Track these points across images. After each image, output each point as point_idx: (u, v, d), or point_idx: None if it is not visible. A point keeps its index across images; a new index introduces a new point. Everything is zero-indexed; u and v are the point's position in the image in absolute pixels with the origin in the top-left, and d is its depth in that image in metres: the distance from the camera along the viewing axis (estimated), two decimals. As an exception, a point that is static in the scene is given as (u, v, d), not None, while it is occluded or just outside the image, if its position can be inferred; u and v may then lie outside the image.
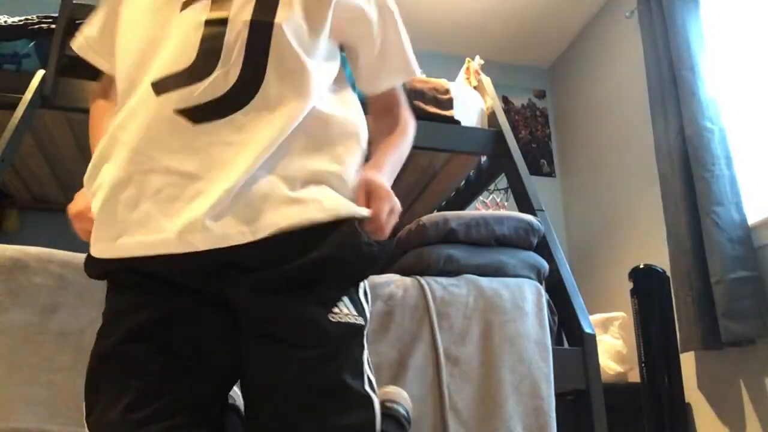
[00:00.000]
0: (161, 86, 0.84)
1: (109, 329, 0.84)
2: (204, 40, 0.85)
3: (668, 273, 2.45)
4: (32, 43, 2.00)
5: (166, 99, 0.83)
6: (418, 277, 1.77)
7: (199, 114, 0.82)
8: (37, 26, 2.01)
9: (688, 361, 2.57)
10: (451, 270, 1.81)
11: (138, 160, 0.83)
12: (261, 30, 0.86)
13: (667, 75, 2.74)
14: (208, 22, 0.86)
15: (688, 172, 2.54)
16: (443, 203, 2.99)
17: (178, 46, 0.86)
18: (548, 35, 3.86)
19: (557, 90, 4.09)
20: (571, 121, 3.89)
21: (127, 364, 0.79)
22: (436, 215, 1.90)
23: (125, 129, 0.85)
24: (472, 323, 1.69)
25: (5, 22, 2.02)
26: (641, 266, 2.43)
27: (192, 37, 0.85)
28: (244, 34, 0.85)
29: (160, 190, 0.81)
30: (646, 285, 2.39)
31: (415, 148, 2.25)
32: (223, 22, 0.86)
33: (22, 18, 2.04)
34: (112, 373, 0.79)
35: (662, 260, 2.54)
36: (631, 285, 2.42)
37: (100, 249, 0.86)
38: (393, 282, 1.72)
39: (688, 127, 2.56)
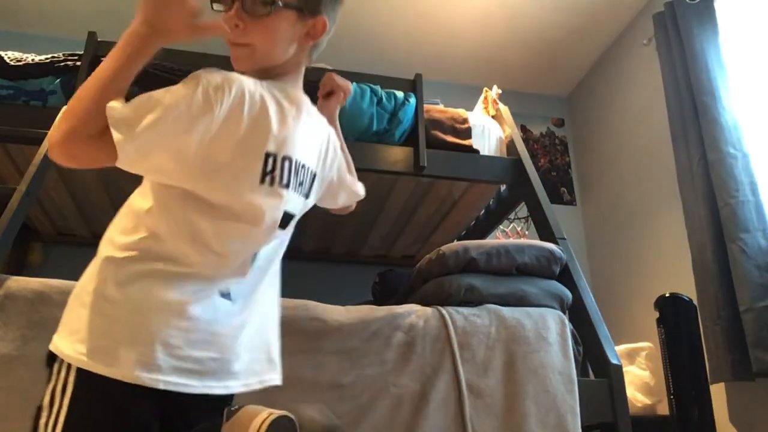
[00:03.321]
0: None
1: None
2: None
3: (695, 302, 2.40)
4: (58, 80, 2.04)
5: None
6: (439, 307, 1.75)
7: None
8: (63, 64, 2.06)
9: (719, 393, 2.50)
10: (473, 299, 1.79)
11: None
12: None
13: (688, 101, 2.72)
14: None
15: (712, 198, 2.50)
16: (463, 232, 2.97)
17: None
18: (566, 64, 3.87)
19: (576, 118, 4.08)
20: (591, 149, 3.87)
21: None
22: (456, 244, 1.89)
23: None
24: (494, 354, 1.66)
25: (32, 60, 2.07)
26: (667, 295, 2.38)
27: None
28: None
29: None
30: (673, 314, 2.34)
31: (434, 177, 2.28)
32: None
33: (49, 56, 2.09)
34: None
35: (688, 288, 2.49)
36: (657, 314, 2.37)
37: None
38: (414, 312, 1.71)
39: (711, 153, 2.53)
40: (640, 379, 2.63)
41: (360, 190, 1.44)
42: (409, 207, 2.67)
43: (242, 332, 1.05)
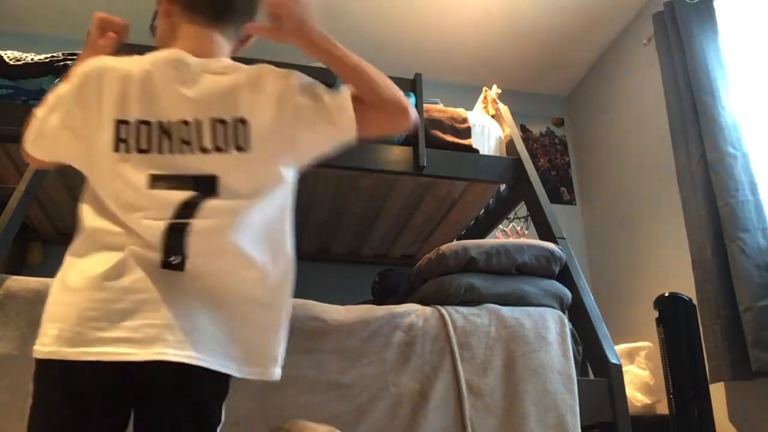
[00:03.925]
0: None
1: None
2: None
3: (694, 301, 2.40)
4: (58, 80, 2.04)
5: None
6: (439, 306, 1.75)
7: None
8: (62, 63, 2.06)
9: (718, 392, 2.50)
10: (472, 299, 1.79)
11: None
12: None
13: (687, 101, 2.72)
14: None
15: (712, 198, 2.50)
16: (463, 232, 2.97)
17: None
18: (566, 64, 3.87)
19: (576, 118, 4.08)
20: (591, 149, 3.87)
21: None
22: (456, 244, 1.89)
23: None
24: (494, 353, 1.66)
25: (32, 59, 2.07)
26: (666, 294, 2.38)
27: None
28: None
29: None
30: (672, 314, 2.33)
31: (434, 177, 2.28)
32: None
33: (48, 55, 2.09)
34: None
35: (688, 288, 2.48)
36: (656, 314, 2.38)
37: None
38: (413, 312, 1.71)
39: (711, 153, 2.53)
40: (640, 378, 2.63)
41: (345, 124, 1.03)
42: (409, 206, 2.67)
43: (194, 300, 0.96)
